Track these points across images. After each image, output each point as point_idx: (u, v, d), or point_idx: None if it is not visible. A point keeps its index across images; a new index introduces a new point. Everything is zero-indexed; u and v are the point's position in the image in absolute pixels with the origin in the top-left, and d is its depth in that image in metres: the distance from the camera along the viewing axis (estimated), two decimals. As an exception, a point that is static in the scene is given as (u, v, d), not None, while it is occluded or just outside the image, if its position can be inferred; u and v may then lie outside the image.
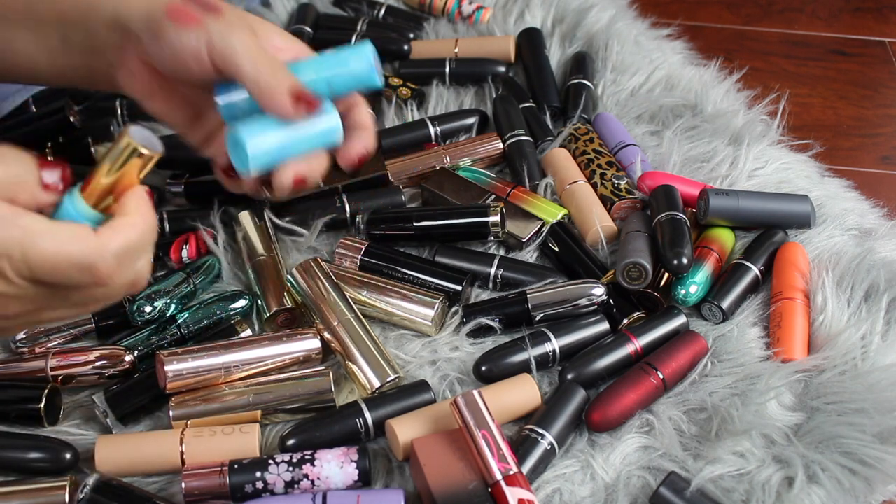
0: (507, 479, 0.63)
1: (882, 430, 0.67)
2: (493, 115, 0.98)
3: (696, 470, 0.67)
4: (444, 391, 0.74)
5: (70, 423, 0.72)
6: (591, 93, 0.99)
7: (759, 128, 0.95)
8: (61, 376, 0.73)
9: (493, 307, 0.78)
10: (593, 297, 0.77)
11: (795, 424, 0.70)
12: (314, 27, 1.09)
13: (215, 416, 0.71)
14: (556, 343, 0.75)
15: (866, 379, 0.71)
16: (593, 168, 0.90)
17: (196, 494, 0.66)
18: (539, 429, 0.68)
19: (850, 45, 1.28)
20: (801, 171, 0.91)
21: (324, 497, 0.64)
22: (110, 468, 0.67)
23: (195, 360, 0.71)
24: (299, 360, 0.74)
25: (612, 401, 0.70)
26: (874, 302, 0.77)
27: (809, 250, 0.81)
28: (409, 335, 0.79)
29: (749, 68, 1.03)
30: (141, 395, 0.72)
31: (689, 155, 0.92)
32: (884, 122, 1.17)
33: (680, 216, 0.79)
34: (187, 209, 0.89)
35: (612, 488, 0.67)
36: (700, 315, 0.79)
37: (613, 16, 1.08)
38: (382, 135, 0.95)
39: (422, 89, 1.02)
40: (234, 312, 0.79)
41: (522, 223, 0.85)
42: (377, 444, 0.71)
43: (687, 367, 0.73)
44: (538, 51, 1.04)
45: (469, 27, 1.10)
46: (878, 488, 0.66)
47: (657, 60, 1.03)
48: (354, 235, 0.85)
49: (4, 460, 0.68)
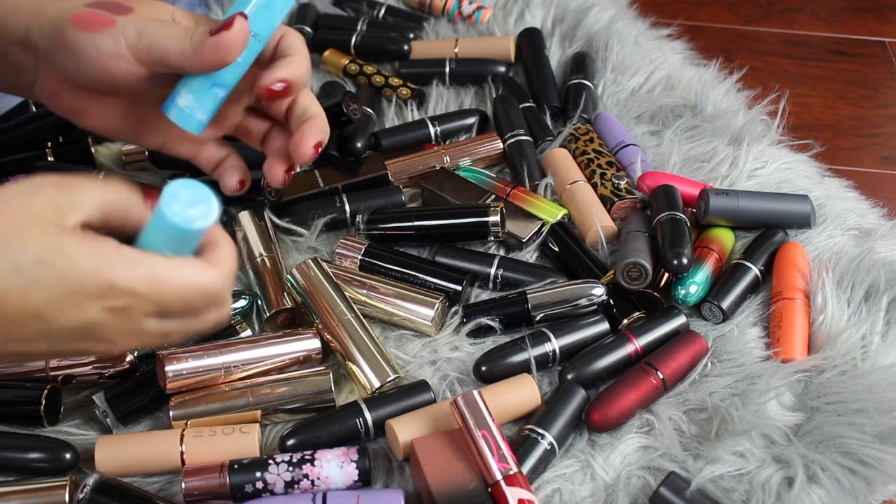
0: (507, 479, 0.63)
1: (882, 430, 0.67)
2: (493, 115, 0.98)
3: (696, 470, 0.67)
4: (444, 391, 0.74)
5: (70, 423, 0.72)
6: (591, 93, 0.99)
7: (759, 128, 0.95)
8: (61, 376, 0.73)
9: (493, 307, 0.78)
10: (593, 297, 0.77)
11: (795, 424, 0.70)
12: (314, 27, 1.09)
13: (215, 416, 0.71)
14: (556, 343, 0.75)
15: (866, 379, 0.71)
16: (593, 168, 0.90)
17: (196, 494, 0.66)
18: (539, 429, 0.68)
19: (850, 45, 1.28)
20: (801, 171, 0.91)
21: (324, 497, 0.64)
22: (110, 468, 0.67)
23: (195, 360, 0.71)
24: (299, 360, 0.74)
25: (612, 401, 0.70)
26: (874, 302, 0.77)
27: (809, 250, 0.81)
28: (409, 335, 0.79)
29: (749, 68, 1.04)
30: (141, 395, 0.72)
31: (689, 155, 0.92)
32: (884, 122, 1.17)
33: (680, 216, 0.79)
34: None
35: (612, 488, 0.67)
36: (700, 315, 0.79)
37: (613, 16, 1.08)
38: (382, 135, 0.95)
39: (422, 89, 1.02)
40: (234, 312, 0.79)
41: (522, 223, 0.85)
42: (377, 444, 0.71)
43: (687, 367, 0.73)
44: (538, 51, 1.04)
45: (469, 27, 1.10)
46: (878, 488, 0.66)
47: (657, 60, 1.03)
48: (354, 235, 0.86)
49: (4, 460, 0.68)
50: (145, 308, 0.51)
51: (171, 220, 0.50)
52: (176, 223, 0.50)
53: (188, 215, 0.50)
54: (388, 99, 1.01)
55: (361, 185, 0.90)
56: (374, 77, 1.02)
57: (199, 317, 0.55)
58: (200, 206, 0.51)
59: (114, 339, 0.52)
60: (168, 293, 0.51)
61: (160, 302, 0.51)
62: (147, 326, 0.52)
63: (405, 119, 0.99)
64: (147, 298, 0.51)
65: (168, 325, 0.53)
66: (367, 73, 1.02)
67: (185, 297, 0.52)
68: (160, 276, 0.50)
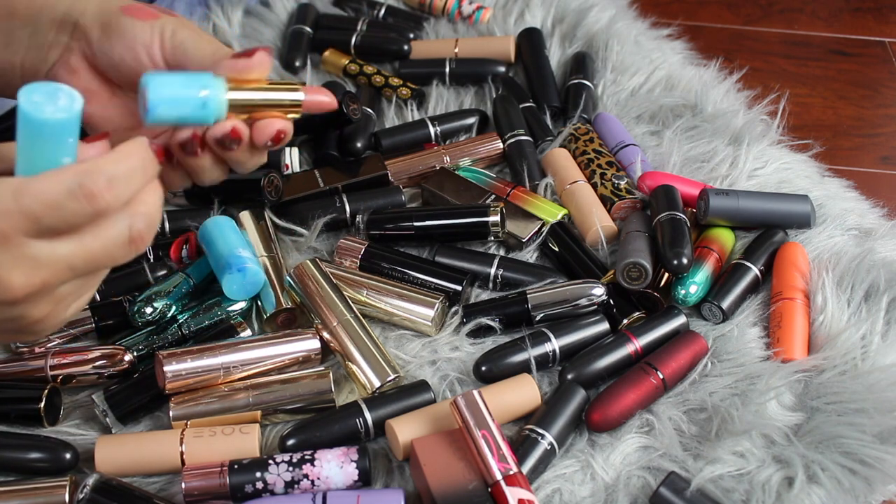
0: (507, 479, 0.63)
1: (882, 430, 0.67)
2: (493, 115, 0.98)
3: (696, 470, 0.67)
4: (444, 391, 0.74)
5: (70, 423, 0.72)
6: (591, 93, 0.99)
7: (759, 128, 0.95)
8: (61, 376, 0.73)
9: (493, 307, 0.78)
10: (593, 297, 0.77)
11: (795, 424, 0.70)
12: (314, 27, 1.09)
13: (215, 417, 0.71)
14: (556, 343, 0.75)
15: (866, 379, 0.71)
16: (593, 168, 0.90)
17: (196, 494, 0.66)
18: (539, 429, 0.68)
19: (850, 45, 1.28)
20: (801, 171, 0.91)
21: (324, 497, 0.64)
22: (110, 468, 0.67)
23: (194, 361, 0.71)
24: (299, 360, 0.74)
25: (612, 401, 0.70)
26: (874, 302, 0.77)
27: (809, 250, 0.81)
28: (409, 335, 0.79)
29: (749, 68, 1.04)
30: (141, 395, 0.72)
31: (689, 155, 0.92)
32: (884, 122, 1.17)
33: (680, 216, 0.79)
34: (187, 209, 0.89)
35: (612, 488, 0.67)
36: (700, 315, 0.79)
37: (613, 16, 1.08)
38: (382, 135, 0.95)
39: (422, 89, 1.02)
40: (234, 313, 0.79)
41: (522, 223, 0.85)
42: (377, 444, 0.71)
43: (687, 367, 0.73)
44: (538, 51, 1.04)
45: (469, 27, 1.10)
46: (878, 488, 0.66)
47: (657, 60, 1.03)
48: (354, 235, 0.86)
49: (4, 460, 0.68)
50: (18, 224, 0.49)
51: (31, 117, 0.48)
52: (36, 118, 0.48)
53: (47, 109, 0.48)
54: (388, 99, 1.01)
55: (361, 185, 0.90)
56: (374, 77, 1.02)
57: (87, 231, 0.51)
58: (60, 99, 0.49)
59: (8, 278, 0.49)
60: (32, 200, 0.48)
61: (29, 213, 0.48)
62: (34, 250, 0.50)
63: (405, 119, 0.99)
64: (14, 212, 0.48)
65: (60, 247, 0.50)
66: (367, 73, 1.02)
67: (49, 199, 0.49)
68: (22, 185, 0.49)
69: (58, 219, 0.50)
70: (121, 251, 0.53)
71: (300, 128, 0.94)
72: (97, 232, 0.51)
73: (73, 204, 0.50)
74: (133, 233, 0.52)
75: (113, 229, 0.52)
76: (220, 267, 0.77)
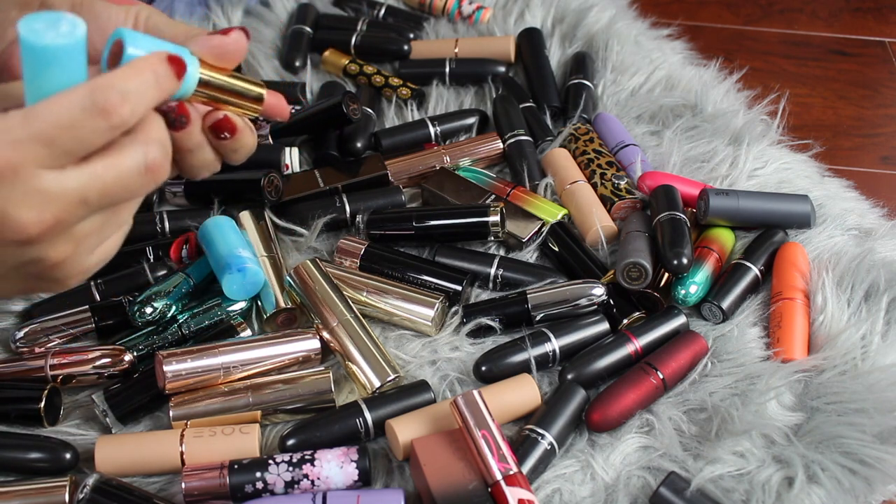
0: (507, 479, 0.63)
1: (882, 430, 0.67)
2: (493, 115, 0.98)
3: (696, 470, 0.67)
4: (444, 391, 0.74)
5: (70, 423, 0.72)
6: (591, 93, 0.99)
7: (759, 128, 0.95)
8: (61, 376, 0.73)
9: (493, 307, 0.78)
10: (593, 297, 0.77)
11: (795, 424, 0.70)
12: (314, 27, 1.09)
13: (215, 417, 0.71)
14: (556, 343, 0.75)
15: (866, 379, 0.71)
16: (593, 168, 0.90)
17: (196, 494, 0.66)
18: (539, 429, 0.68)
19: (850, 45, 1.28)
20: (801, 171, 0.91)
21: (324, 497, 0.64)
22: (110, 468, 0.67)
23: (194, 361, 0.71)
24: (299, 360, 0.74)
25: (612, 401, 0.70)
26: (874, 302, 0.77)
27: (809, 250, 0.81)
28: (409, 335, 0.79)
29: (749, 68, 1.03)
30: (141, 395, 0.72)
31: (689, 155, 0.92)
32: (884, 122, 1.17)
33: (680, 216, 0.79)
34: (187, 209, 0.89)
35: (612, 488, 0.67)
36: (700, 315, 0.79)
37: (613, 16, 1.08)
38: (382, 135, 0.95)
39: (422, 89, 1.02)
40: (234, 313, 0.79)
41: (522, 223, 0.85)
42: (377, 444, 0.71)
43: (687, 367, 0.73)
44: (538, 51, 1.04)
45: (469, 27, 1.10)
46: (878, 488, 0.66)
47: (657, 60, 1.03)
48: (354, 235, 0.85)
49: (4, 460, 0.68)
50: (30, 153, 0.46)
51: (33, 45, 0.47)
52: (38, 45, 0.46)
53: (48, 35, 0.46)
54: (388, 99, 1.01)
55: (361, 185, 0.90)
56: (374, 77, 1.02)
57: (99, 160, 0.48)
58: (62, 26, 0.47)
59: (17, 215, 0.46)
60: (43, 123, 0.46)
61: (42, 137, 0.46)
62: (45, 183, 0.46)
63: (405, 119, 0.99)
64: (24, 140, 0.45)
65: (70, 178, 0.47)
66: (367, 73, 1.02)
67: (62, 120, 0.46)
68: (31, 111, 0.46)
69: (73, 139, 0.47)
70: (136, 181, 0.50)
71: (300, 128, 0.94)
72: (110, 162, 0.49)
73: (88, 121, 0.47)
74: (149, 161, 0.50)
75: (127, 158, 0.49)
76: (220, 267, 0.77)
